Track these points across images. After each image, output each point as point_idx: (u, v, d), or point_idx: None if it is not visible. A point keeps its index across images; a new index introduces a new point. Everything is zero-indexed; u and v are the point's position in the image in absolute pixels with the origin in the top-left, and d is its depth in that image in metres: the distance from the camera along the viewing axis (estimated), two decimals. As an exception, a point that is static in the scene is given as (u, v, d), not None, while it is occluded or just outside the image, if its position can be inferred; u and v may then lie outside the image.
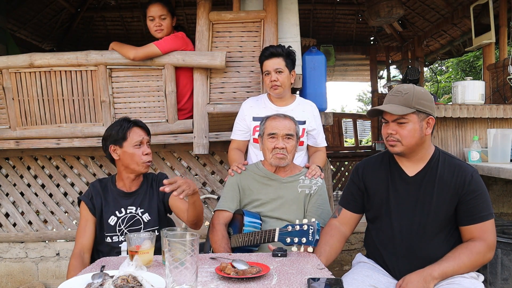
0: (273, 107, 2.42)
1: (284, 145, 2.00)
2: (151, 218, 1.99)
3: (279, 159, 2.00)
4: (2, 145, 2.86)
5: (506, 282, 2.32)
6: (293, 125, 2.06)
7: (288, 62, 2.35)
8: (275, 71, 2.31)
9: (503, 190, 3.40)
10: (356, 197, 1.86)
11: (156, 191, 2.05)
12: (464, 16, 4.74)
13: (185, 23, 6.09)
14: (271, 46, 2.39)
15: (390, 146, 1.71)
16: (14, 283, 3.09)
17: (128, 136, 1.95)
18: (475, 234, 1.64)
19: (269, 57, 2.33)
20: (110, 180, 2.04)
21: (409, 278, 1.58)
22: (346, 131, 12.16)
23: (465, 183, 1.65)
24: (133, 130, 1.97)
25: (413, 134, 1.66)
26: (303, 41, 5.12)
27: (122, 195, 1.99)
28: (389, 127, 1.70)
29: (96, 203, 1.96)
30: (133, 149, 1.94)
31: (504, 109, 3.12)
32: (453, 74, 11.80)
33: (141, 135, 1.97)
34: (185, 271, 1.13)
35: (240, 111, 2.49)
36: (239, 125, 2.46)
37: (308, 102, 2.51)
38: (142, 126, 2.00)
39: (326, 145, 2.53)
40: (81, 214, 1.97)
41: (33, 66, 2.73)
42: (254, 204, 2.06)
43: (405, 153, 1.71)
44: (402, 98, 1.66)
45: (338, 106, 25.92)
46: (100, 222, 1.96)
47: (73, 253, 1.89)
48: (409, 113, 1.65)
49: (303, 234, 1.55)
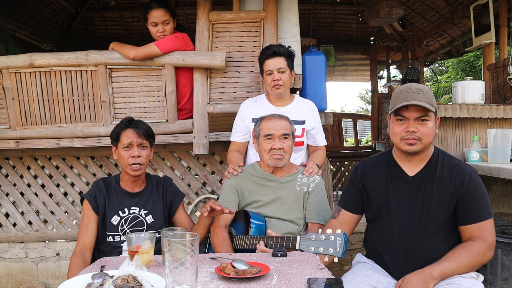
0: (272, 107, 2.41)
1: (281, 145, 1.99)
2: (154, 221, 1.98)
3: (276, 159, 2.00)
4: (2, 145, 2.86)
5: (506, 282, 2.32)
6: (289, 125, 2.05)
7: (289, 62, 2.34)
8: (278, 71, 2.31)
9: (503, 190, 3.40)
10: (355, 198, 1.87)
11: (162, 194, 2.05)
12: (464, 16, 4.74)
13: (185, 23, 6.09)
14: (273, 45, 2.38)
15: (409, 145, 1.65)
16: (14, 283, 3.09)
17: (120, 138, 1.96)
18: (475, 234, 1.64)
19: (272, 56, 2.32)
20: (114, 179, 2.04)
21: (409, 278, 1.59)
22: (346, 131, 12.15)
23: (464, 182, 1.65)
24: (125, 132, 1.95)
25: (432, 132, 1.66)
26: (303, 41, 5.12)
27: (126, 195, 1.99)
28: (409, 125, 1.65)
29: (100, 202, 1.95)
30: (122, 151, 1.94)
31: (504, 109, 3.12)
32: (453, 74, 11.80)
33: (130, 138, 1.93)
34: (185, 271, 1.13)
35: (239, 112, 2.48)
36: (238, 127, 2.46)
37: (306, 101, 2.50)
38: (137, 128, 1.95)
39: (325, 144, 2.52)
40: (84, 212, 1.97)
41: (33, 66, 2.73)
42: (254, 206, 2.06)
43: (420, 151, 1.68)
44: (424, 96, 1.64)
45: (338, 106, 25.92)
46: (102, 221, 1.96)
47: (74, 251, 1.89)
48: (431, 112, 1.65)
49: (329, 245, 1.53)
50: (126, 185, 2.01)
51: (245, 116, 2.43)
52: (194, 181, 3.06)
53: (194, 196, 3.05)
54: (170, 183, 2.12)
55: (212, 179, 3.06)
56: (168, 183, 2.11)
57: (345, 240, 1.52)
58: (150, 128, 2.04)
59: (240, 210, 2.09)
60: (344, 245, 1.52)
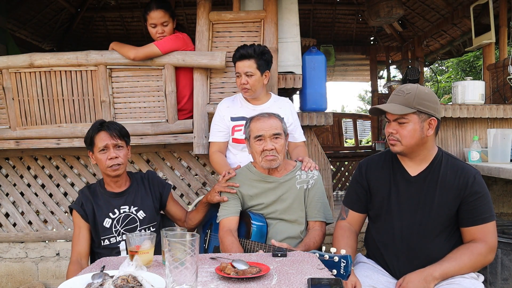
0: (250, 106, 2.39)
1: (273, 145, 1.93)
2: (146, 215, 1.99)
3: (269, 161, 1.95)
4: (2, 145, 2.85)
5: (506, 282, 2.32)
6: (279, 123, 1.99)
7: (260, 63, 2.28)
8: (245, 74, 2.27)
9: (503, 190, 3.40)
10: (361, 197, 1.86)
11: (149, 189, 2.06)
12: (464, 16, 4.74)
13: (185, 23, 6.09)
14: (242, 47, 2.31)
15: (391, 145, 1.72)
16: (14, 283, 3.09)
17: (94, 142, 1.94)
18: (477, 236, 1.64)
19: (240, 59, 2.28)
20: (99, 184, 2.04)
21: (409, 278, 1.59)
22: (346, 131, 12.14)
23: (468, 184, 1.65)
24: (98, 136, 1.94)
25: (412, 135, 1.66)
26: (303, 41, 5.11)
27: (112, 196, 1.99)
28: (390, 126, 1.70)
29: (87, 209, 1.95)
30: (99, 154, 1.93)
31: (504, 109, 3.12)
32: (453, 74, 11.80)
33: (105, 140, 1.91)
34: (185, 271, 1.13)
35: (217, 112, 2.45)
36: (219, 126, 2.42)
37: (283, 99, 2.49)
38: (109, 129, 1.94)
39: (304, 140, 2.51)
40: (74, 222, 1.97)
41: (33, 66, 2.73)
42: (256, 208, 2.05)
43: (405, 153, 1.71)
44: (403, 98, 1.66)
45: (338, 106, 25.92)
46: (94, 227, 1.95)
47: (71, 260, 1.90)
48: (409, 113, 1.64)
49: (333, 266, 1.50)
50: (110, 187, 2.01)
51: (225, 115, 2.40)
52: (194, 181, 3.06)
53: (194, 196, 3.05)
54: (154, 175, 2.14)
55: (212, 179, 3.06)
56: (152, 176, 2.12)
57: (350, 262, 1.49)
58: (123, 128, 2.02)
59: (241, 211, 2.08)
60: (349, 267, 1.49)
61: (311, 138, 3.01)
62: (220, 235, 1.97)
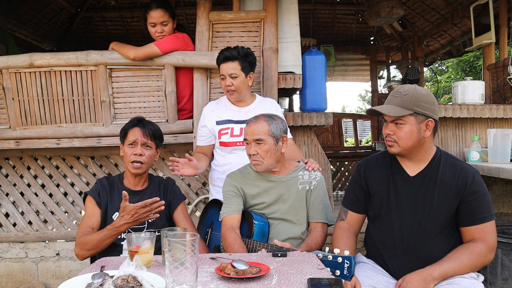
0: (234, 108, 2.40)
1: (256, 150, 1.93)
2: (155, 220, 1.99)
3: (254, 165, 1.97)
4: (2, 145, 2.86)
5: (506, 282, 2.32)
6: (266, 127, 1.93)
7: (244, 65, 2.28)
8: (230, 76, 2.27)
9: (503, 190, 3.40)
10: (360, 198, 1.87)
11: (163, 194, 2.08)
12: (464, 16, 4.74)
13: (185, 23, 6.09)
14: (226, 49, 2.31)
15: (388, 146, 1.73)
16: (14, 283, 3.09)
17: (127, 135, 2.02)
18: (476, 235, 1.64)
19: (224, 61, 2.28)
20: (118, 177, 2.09)
21: (409, 278, 1.59)
22: (346, 131, 12.14)
23: (467, 184, 1.65)
24: (132, 130, 2.01)
25: (409, 136, 1.66)
26: (303, 41, 5.12)
27: (128, 193, 1.99)
28: (387, 127, 1.71)
29: (102, 198, 1.99)
30: (127, 147, 2.00)
31: (504, 109, 3.12)
32: (453, 74, 11.80)
33: (136, 136, 1.99)
34: (185, 271, 1.13)
35: (201, 117, 2.46)
36: (201, 131, 2.44)
37: (268, 100, 2.50)
38: (144, 127, 2.01)
39: (293, 137, 2.51)
40: (87, 208, 1.98)
41: (33, 66, 2.73)
42: (257, 208, 2.05)
43: (402, 154, 1.71)
44: (400, 99, 1.66)
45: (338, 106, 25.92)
46: (104, 218, 1.98)
47: (77, 239, 1.86)
48: (406, 115, 1.65)
49: (337, 266, 1.50)
50: (129, 183, 2.05)
51: (208, 121, 2.40)
52: (194, 181, 3.06)
53: (194, 196, 3.05)
54: (172, 183, 2.16)
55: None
56: (170, 183, 2.15)
57: (353, 263, 1.49)
58: (159, 130, 2.08)
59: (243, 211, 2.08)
60: (353, 268, 1.49)
61: (311, 138, 3.01)
62: (223, 232, 1.97)
